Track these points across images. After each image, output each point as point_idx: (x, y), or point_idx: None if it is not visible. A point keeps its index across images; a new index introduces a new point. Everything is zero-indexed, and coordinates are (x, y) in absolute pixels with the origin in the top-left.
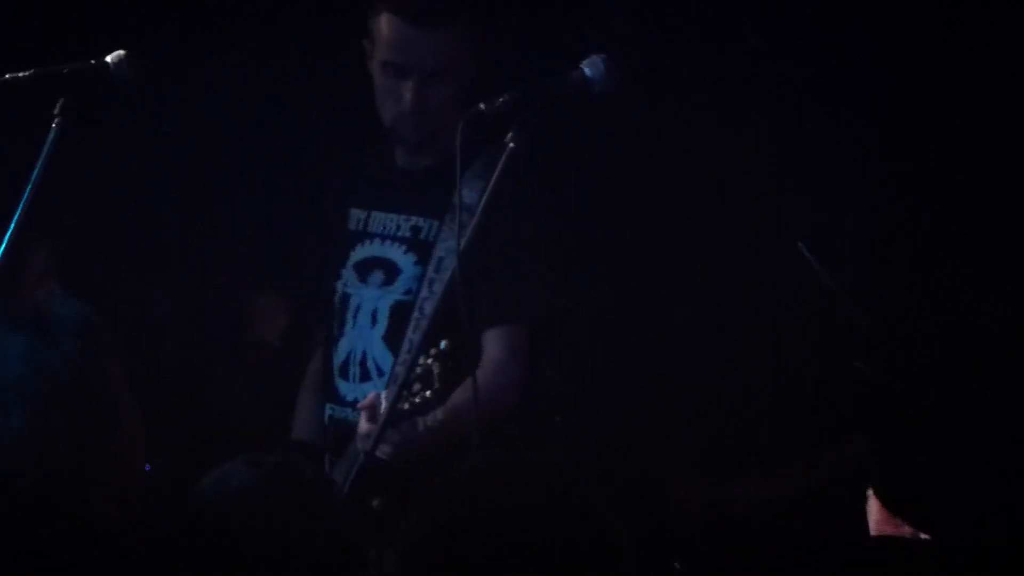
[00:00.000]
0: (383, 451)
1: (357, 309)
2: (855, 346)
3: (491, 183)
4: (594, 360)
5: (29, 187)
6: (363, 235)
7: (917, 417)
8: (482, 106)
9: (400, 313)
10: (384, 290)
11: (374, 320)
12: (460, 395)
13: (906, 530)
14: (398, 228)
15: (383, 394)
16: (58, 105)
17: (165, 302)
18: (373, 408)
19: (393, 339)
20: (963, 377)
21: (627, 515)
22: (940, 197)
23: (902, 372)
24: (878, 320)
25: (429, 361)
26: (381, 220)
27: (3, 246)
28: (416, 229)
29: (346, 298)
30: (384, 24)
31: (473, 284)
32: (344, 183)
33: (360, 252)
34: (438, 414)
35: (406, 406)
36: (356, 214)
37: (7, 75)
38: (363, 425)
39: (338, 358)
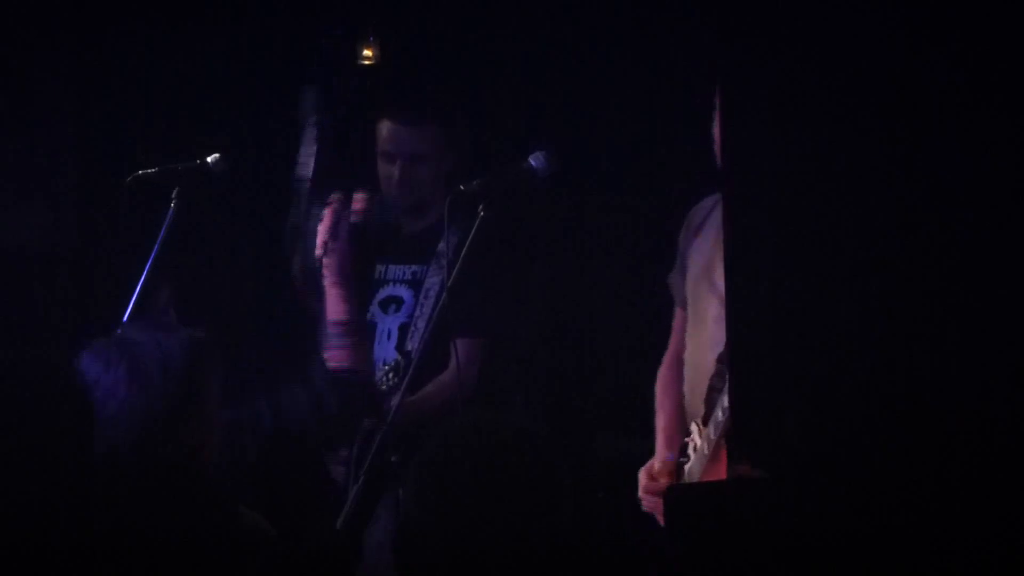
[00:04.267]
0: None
1: (380, 332)
2: None
3: (469, 238)
4: (544, 360)
5: (155, 248)
6: (384, 281)
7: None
8: (462, 187)
9: (404, 330)
10: (395, 316)
11: (389, 337)
12: (427, 388)
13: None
14: (403, 274)
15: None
16: (174, 192)
17: (246, 328)
18: None
19: (401, 348)
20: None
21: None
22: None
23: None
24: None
25: (399, 358)
26: (394, 270)
27: (139, 289)
28: (415, 273)
29: (373, 326)
30: (383, 126)
31: (450, 308)
32: (373, 244)
33: (382, 293)
34: (399, 396)
35: (384, 387)
36: (379, 267)
37: (139, 172)
38: None
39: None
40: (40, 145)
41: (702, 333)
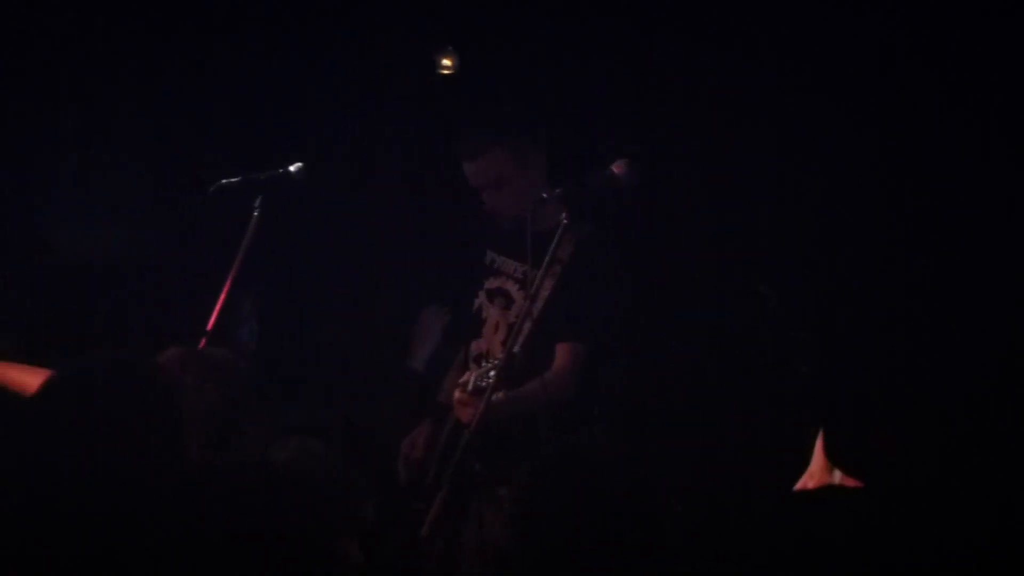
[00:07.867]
0: (467, 414)
1: (485, 321)
2: (800, 354)
3: (551, 247)
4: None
5: (238, 258)
6: (493, 271)
7: (851, 406)
8: (544, 196)
9: (511, 328)
10: (504, 312)
11: (496, 329)
12: (530, 385)
13: (837, 479)
14: (514, 271)
15: (472, 375)
16: (257, 200)
17: (351, 325)
18: (465, 384)
19: (509, 346)
20: (890, 375)
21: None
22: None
23: (838, 373)
24: (815, 333)
25: (500, 357)
26: (505, 263)
27: (222, 299)
28: (524, 273)
29: (480, 311)
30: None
31: (557, 313)
32: (485, 234)
33: (491, 282)
34: (502, 393)
35: (483, 383)
36: (491, 255)
37: (223, 180)
38: (456, 395)
39: (473, 352)
40: (119, 158)
41: None
